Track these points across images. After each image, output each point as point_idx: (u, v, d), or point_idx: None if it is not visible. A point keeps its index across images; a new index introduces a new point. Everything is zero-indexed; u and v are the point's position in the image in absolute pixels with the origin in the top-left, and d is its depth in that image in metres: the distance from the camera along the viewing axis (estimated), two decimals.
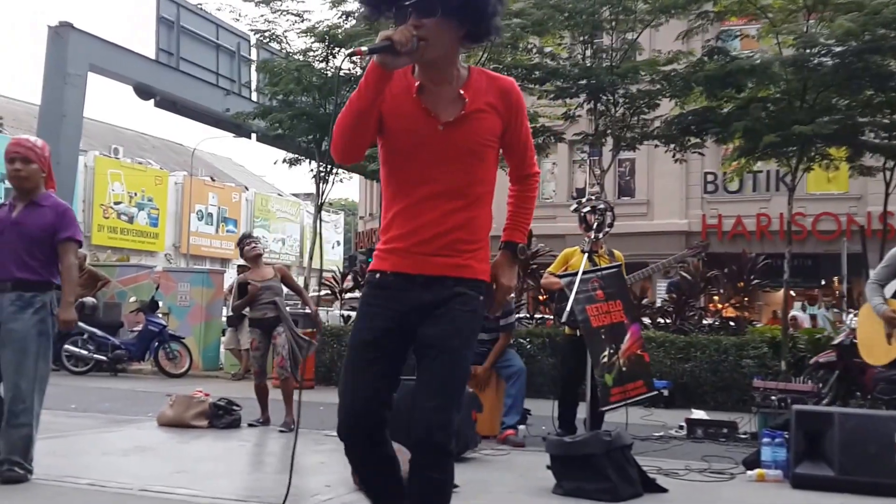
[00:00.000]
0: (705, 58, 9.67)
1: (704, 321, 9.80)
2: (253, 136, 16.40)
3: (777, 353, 8.12)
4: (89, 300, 10.61)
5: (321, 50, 11.19)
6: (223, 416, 5.80)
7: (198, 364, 11.01)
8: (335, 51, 11.00)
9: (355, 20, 10.73)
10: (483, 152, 2.11)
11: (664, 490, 3.98)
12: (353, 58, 2.01)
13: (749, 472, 4.42)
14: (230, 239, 33.02)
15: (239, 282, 6.35)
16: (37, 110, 16.04)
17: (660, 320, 9.78)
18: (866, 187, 16.83)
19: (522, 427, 5.69)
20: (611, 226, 5.26)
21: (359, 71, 10.06)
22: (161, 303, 10.84)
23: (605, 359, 4.65)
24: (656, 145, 11.21)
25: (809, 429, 4.23)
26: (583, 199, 5.57)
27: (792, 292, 10.65)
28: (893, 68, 8.46)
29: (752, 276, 9.88)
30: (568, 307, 4.63)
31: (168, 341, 10.40)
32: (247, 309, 6.20)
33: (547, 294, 9.26)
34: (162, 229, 30.64)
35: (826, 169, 10.07)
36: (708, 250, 7.05)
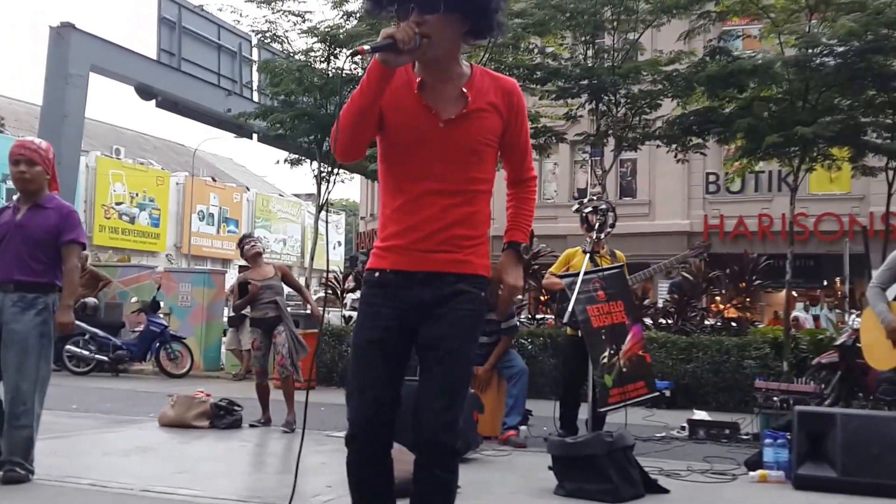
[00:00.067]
0: (707, 58, 9.63)
1: (706, 322, 9.79)
2: (254, 137, 16.39)
3: (779, 354, 8.10)
4: (91, 300, 10.63)
5: (322, 50, 11.18)
6: (224, 417, 5.80)
7: (199, 364, 11.01)
8: (336, 51, 10.99)
9: (357, 20, 10.73)
10: (483, 151, 2.09)
11: (666, 491, 3.98)
12: (356, 57, 2.00)
13: (751, 473, 4.42)
14: (231, 239, 33.04)
15: (239, 281, 6.35)
16: (38, 111, 16.06)
17: (661, 321, 9.77)
18: (869, 188, 16.80)
19: (524, 428, 5.69)
20: (612, 226, 5.25)
21: (360, 71, 10.05)
22: (162, 303, 10.85)
23: (605, 359, 4.64)
24: (658, 145, 11.19)
25: (812, 430, 4.22)
26: (584, 200, 5.57)
27: (794, 293, 10.64)
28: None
29: (754, 277, 9.86)
30: (569, 308, 4.62)
31: (169, 342, 10.41)
32: (248, 309, 6.21)
33: (548, 295, 9.24)
34: (163, 230, 30.66)
35: (828, 169, 10.06)
36: (710, 251, 7.03)
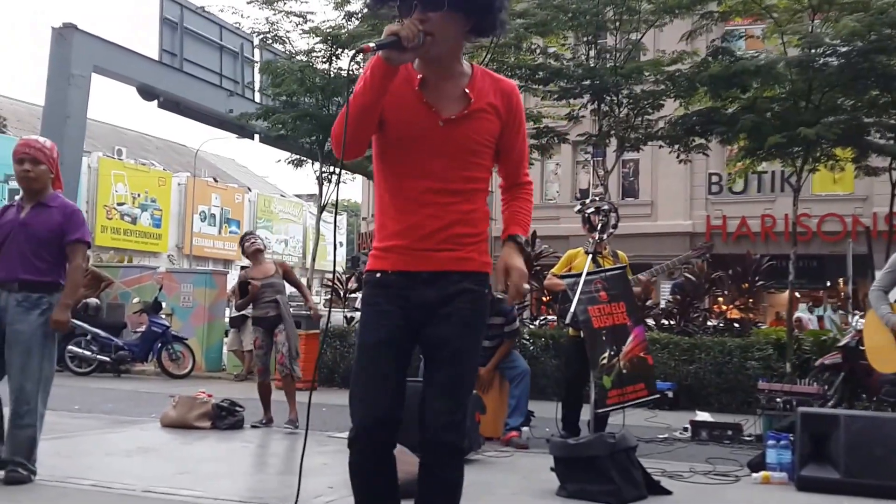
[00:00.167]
0: (710, 58, 9.62)
1: (709, 322, 9.77)
2: (256, 138, 16.39)
3: (782, 355, 8.08)
4: (93, 301, 10.63)
5: (324, 51, 11.18)
6: (226, 418, 5.80)
7: (201, 365, 11.01)
8: (339, 52, 10.99)
9: (359, 21, 10.73)
10: (481, 151, 2.08)
11: (668, 492, 3.97)
12: (359, 56, 2.00)
13: (754, 475, 4.40)
14: (233, 240, 33.05)
15: (240, 281, 6.36)
16: (40, 111, 16.06)
17: (664, 322, 9.75)
18: (872, 188, 16.76)
19: (526, 429, 5.68)
20: (615, 227, 5.24)
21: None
22: (164, 304, 10.86)
23: (605, 360, 4.63)
24: (660, 146, 11.17)
25: (815, 431, 4.21)
26: (587, 201, 5.55)
27: (797, 294, 10.62)
28: None
29: (757, 278, 9.84)
30: (572, 309, 4.61)
31: (171, 342, 10.41)
32: (249, 307, 6.22)
33: (550, 296, 9.23)
34: (165, 230, 30.69)
35: (831, 170, 10.04)
36: (712, 251, 7.01)
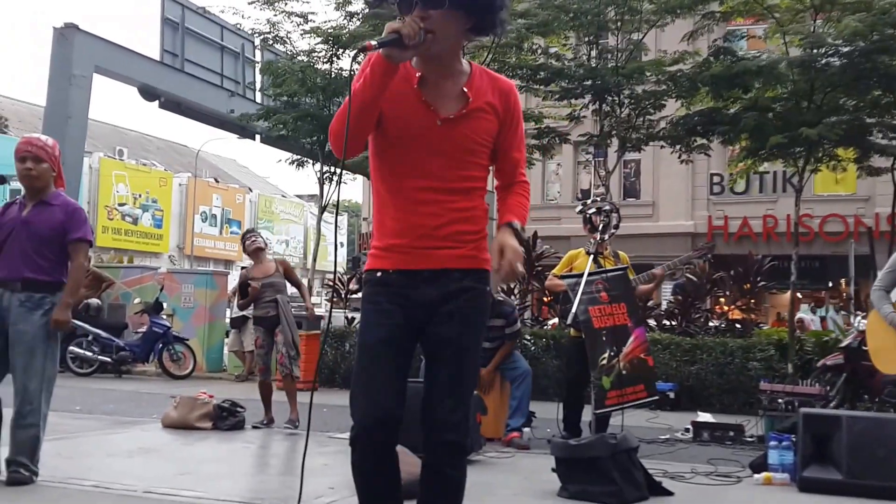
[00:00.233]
0: (711, 58, 9.61)
1: (710, 323, 9.76)
2: (257, 138, 16.40)
3: (784, 356, 8.07)
4: (94, 301, 10.64)
5: (325, 51, 11.18)
6: (227, 418, 5.79)
7: (202, 365, 11.02)
8: (340, 52, 10.99)
9: (360, 21, 10.72)
10: (479, 151, 2.07)
11: (670, 493, 3.96)
12: (361, 54, 1.99)
13: (756, 476, 4.39)
14: (234, 240, 33.04)
15: (241, 281, 6.37)
16: (41, 111, 16.07)
17: (665, 322, 9.74)
18: (874, 188, 16.75)
19: (527, 429, 5.67)
20: (616, 227, 5.23)
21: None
22: (165, 304, 10.85)
23: (605, 361, 4.61)
24: (662, 146, 11.17)
25: (817, 432, 4.20)
26: (588, 201, 5.54)
27: (799, 294, 10.61)
28: None
29: (759, 278, 9.83)
30: (573, 309, 4.60)
31: (172, 343, 10.41)
32: (250, 307, 6.24)
33: (551, 296, 9.22)
34: (166, 231, 30.69)
35: (833, 170, 10.01)
36: (714, 252, 6.99)
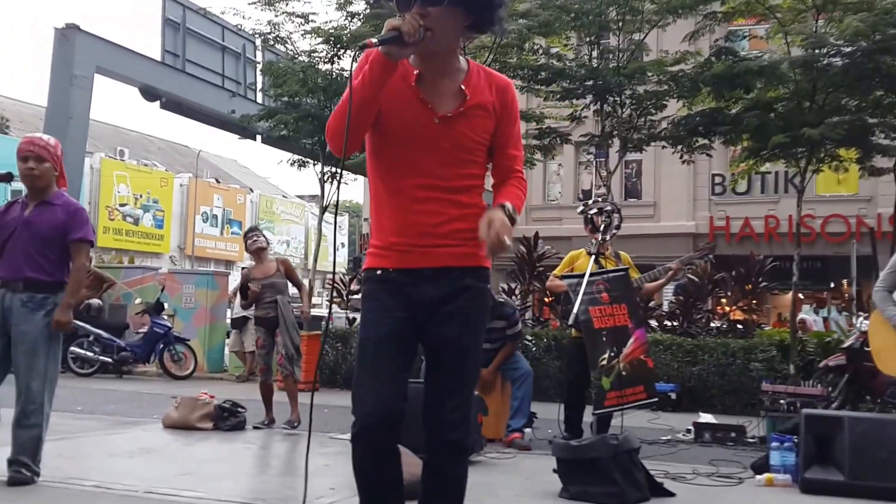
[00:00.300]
0: (713, 58, 9.59)
1: (712, 324, 9.74)
2: (258, 138, 16.41)
3: (786, 357, 8.06)
4: (95, 302, 10.64)
5: (326, 51, 11.18)
6: (228, 418, 5.79)
7: (202, 366, 11.01)
8: (341, 52, 10.99)
9: (361, 22, 10.72)
10: (476, 149, 2.07)
11: (671, 494, 3.96)
12: (363, 51, 1.98)
13: (757, 477, 4.39)
14: (235, 241, 33.03)
15: (242, 282, 6.39)
16: (42, 112, 16.09)
17: (667, 323, 9.72)
18: (876, 189, 16.72)
19: (528, 430, 5.65)
20: (618, 227, 5.21)
21: None
22: (166, 305, 10.85)
23: (605, 361, 4.61)
24: (663, 146, 11.16)
25: (819, 433, 4.19)
26: (589, 201, 5.53)
27: (800, 295, 10.58)
28: None
29: (760, 279, 9.81)
30: (574, 310, 4.59)
31: (173, 343, 10.41)
32: (252, 308, 6.27)
33: (552, 297, 9.21)
34: (167, 231, 30.68)
35: (835, 170, 9.99)
36: (715, 252, 6.98)
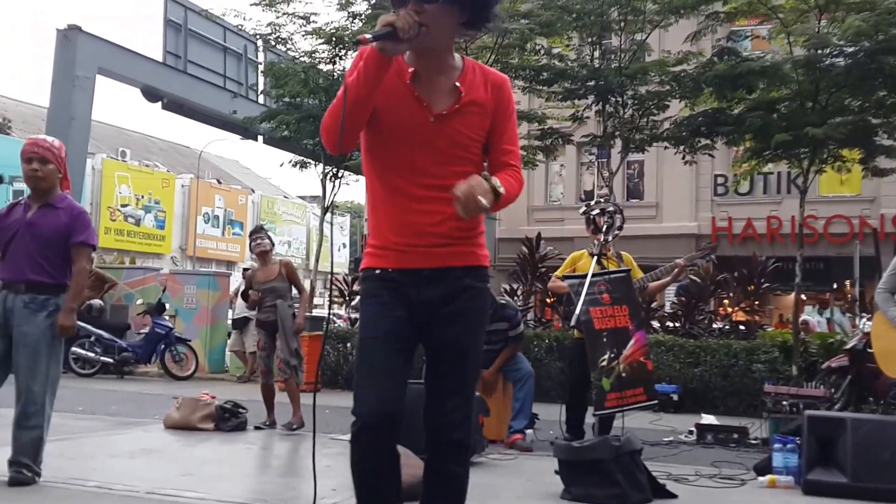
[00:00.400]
0: (715, 58, 9.57)
1: (714, 325, 9.72)
2: (259, 139, 16.42)
3: (788, 358, 8.03)
4: (96, 302, 10.64)
5: (327, 52, 11.18)
6: (229, 419, 5.79)
7: (204, 366, 11.01)
8: (342, 53, 10.99)
9: (362, 22, 10.72)
10: (471, 146, 2.05)
11: (674, 496, 3.95)
12: (358, 46, 1.97)
13: (760, 479, 4.38)
14: (236, 241, 33.05)
15: (246, 285, 6.41)
16: (44, 112, 16.09)
17: (669, 324, 9.70)
18: (879, 189, 16.70)
19: (530, 431, 5.65)
20: (620, 228, 5.20)
21: None
22: (167, 305, 10.85)
23: (605, 362, 4.60)
24: (665, 147, 11.14)
25: (821, 435, 4.19)
26: (591, 202, 5.52)
27: (803, 296, 10.55)
28: None
29: (763, 280, 9.78)
30: (577, 311, 4.58)
31: (174, 344, 10.40)
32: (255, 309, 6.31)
33: (554, 298, 9.20)
34: (168, 232, 30.69)
35: (838, 171, 9.96)
36: (716, 252, 6.95)
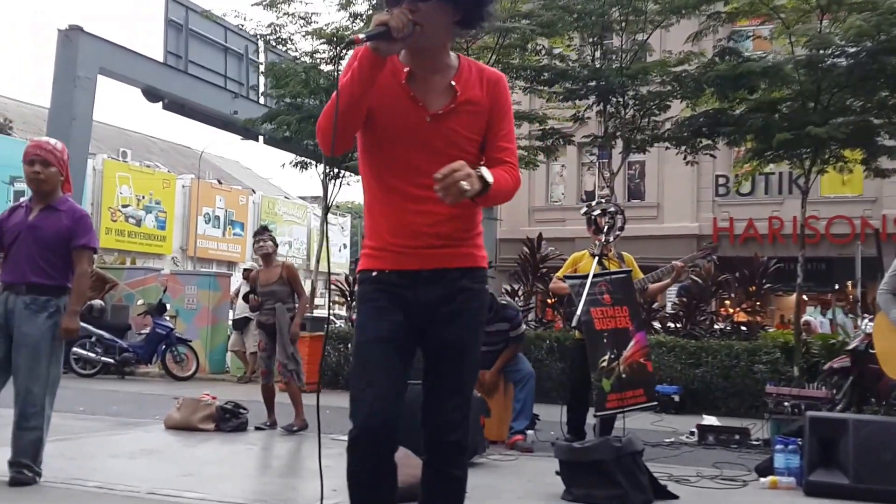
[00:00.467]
0: (717, 59, 9.56)
1: (715, 326, 9.70)
2: (260, 139, 16.42)
3: (790, 359, 8.02)
4: (97, 303, 10.64)
5: (328, 52, 11.18)
6: (230, 420, 5.79)
7: (204, 367, 11.00)
8: (343, 53, 10.99)
9: (363, 23, 10.72)
10: (467, 145, 2.03)
11: (675, 497, 3.94)
12: (351, 46, 1.96)
13: (762, 480, 4.37)
14: (237, 242, 33.05)
15: (250, 286, 6.47)
16: (45, 113, 16.10)
17: (670, 325, 9.69)
18: (881, 190, 16.67)
19: (531, 432, 5.64)
20: (621, 229, 5.20)
21: None
22: (168, 306, 10.85)
23: (605, 363, 4.59)
24: (667, 147, 11.13)
25: (823, 436, 4.18)
26: (593, 203, 5.51)
27: (805, 297, 10.54)
28: None
29: (765, 280, 9.77)
30: (578, 311, 4.57)
31: (175, 344, 10.40)
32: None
33: (555, 298, 9.19)
34: (169, 232, 30.68)
35: (840, 171, 9.95)
36: (717, 252, 6.95)
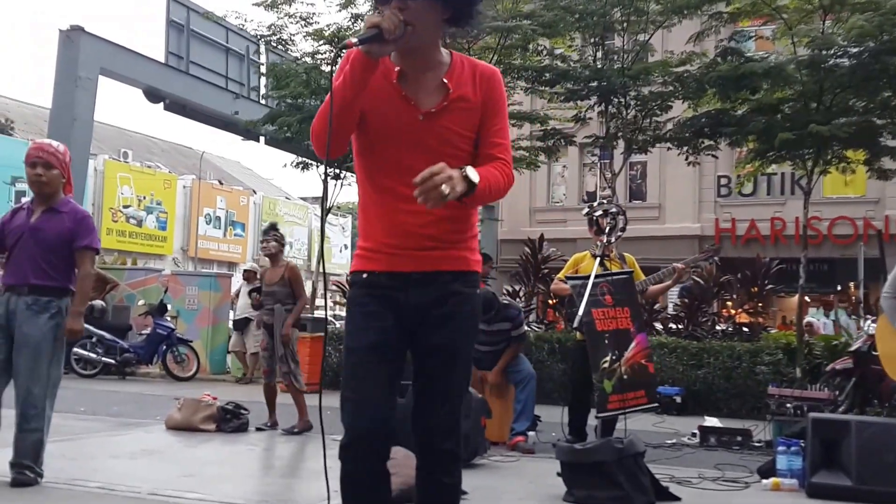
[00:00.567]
0: (718, 59, 9.55)
1: (717, 327, 9.68)
2: (261, 140, 16.42)
3: (792, 360, 8.01)
4: (98, 303, 10.63)
5: (329, 52, 11.17)
6: (231, 420, 5.79)
7: (205, 367, 10.99)
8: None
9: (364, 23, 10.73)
10: (461, 143, 2.01)
11: (677, 498, 3.93)
12: (344, 51, 1.95)
13: (764, 481, 4.36)
14: (238, 242, 33.06)
15: (248, 289, 6.50)
16: (46, 113, 16.13)
17: (672, 326, 9.68)
18: (884, 191, 16.64)
19: (532, 433, 5.63)
20: (623, 230, 5.18)
21: None
22: (169, 306, 10.84)
23: (606, 364, 4.58)
24: (668, 148, 11.11)
25: (826, 437, 4.17)
26: (594, 203, 5.50)
27: (807, 298, 10.53)
28: None
29: (767, 281, 9.76)
30: (579, 312, 4.56)
31: (176, 344, 10.39)
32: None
33: (557, 299, 9.18)
34: (170, 233, 30.70)
35: (843, 172, 9.93)
36: (720, 254, 6.93)
